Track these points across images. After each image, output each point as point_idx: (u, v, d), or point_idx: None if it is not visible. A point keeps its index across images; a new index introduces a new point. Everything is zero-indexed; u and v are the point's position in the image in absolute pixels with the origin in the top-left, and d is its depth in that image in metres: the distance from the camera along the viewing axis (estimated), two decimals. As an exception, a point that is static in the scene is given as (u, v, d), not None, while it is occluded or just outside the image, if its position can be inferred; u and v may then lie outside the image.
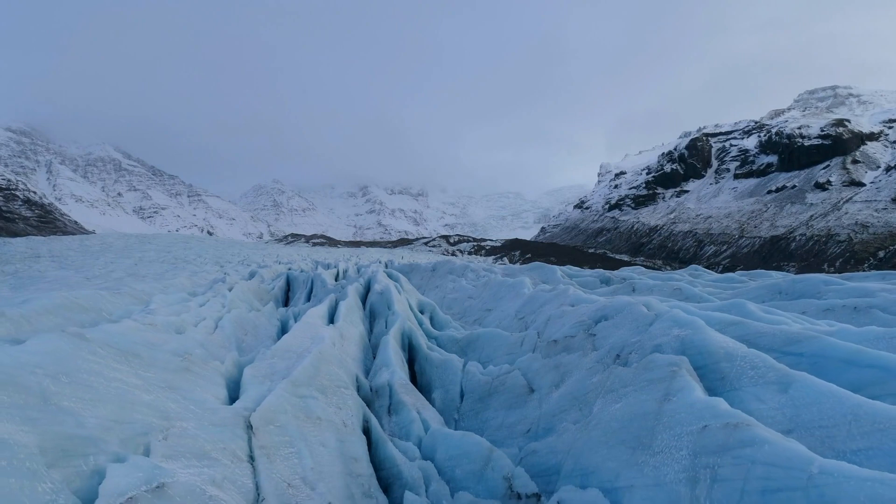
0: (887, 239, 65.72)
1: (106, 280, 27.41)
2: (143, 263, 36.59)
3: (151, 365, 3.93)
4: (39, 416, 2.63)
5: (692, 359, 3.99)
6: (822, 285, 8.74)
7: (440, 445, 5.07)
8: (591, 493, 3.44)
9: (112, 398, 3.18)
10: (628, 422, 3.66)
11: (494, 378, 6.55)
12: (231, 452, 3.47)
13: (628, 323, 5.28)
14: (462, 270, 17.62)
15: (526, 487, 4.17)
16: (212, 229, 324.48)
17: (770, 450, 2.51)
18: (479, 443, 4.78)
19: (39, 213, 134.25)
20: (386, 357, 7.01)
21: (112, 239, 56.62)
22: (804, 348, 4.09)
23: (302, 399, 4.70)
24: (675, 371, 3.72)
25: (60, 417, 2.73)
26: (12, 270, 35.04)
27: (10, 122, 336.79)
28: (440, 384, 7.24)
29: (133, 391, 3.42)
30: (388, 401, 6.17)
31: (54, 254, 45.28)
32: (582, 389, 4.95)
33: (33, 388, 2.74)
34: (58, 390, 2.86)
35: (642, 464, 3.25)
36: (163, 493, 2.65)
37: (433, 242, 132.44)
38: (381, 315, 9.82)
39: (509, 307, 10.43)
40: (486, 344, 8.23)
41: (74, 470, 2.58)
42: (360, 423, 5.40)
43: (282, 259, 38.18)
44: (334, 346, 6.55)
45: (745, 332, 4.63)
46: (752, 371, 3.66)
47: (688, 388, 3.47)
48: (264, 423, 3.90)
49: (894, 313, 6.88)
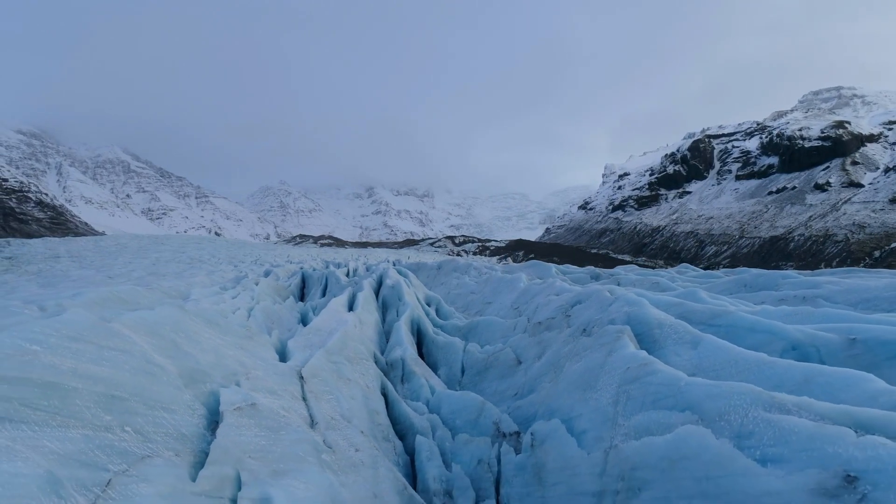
0: (883, 239, 66.74)
1: (128, 279, 28.85)
2: (161, 263, 38.07)
3: (227, 332, 5.24)
4: (174, 355, 3.92)
5: (634, 328, 5.25)
6: (780, 279, 9.94)
7: (444, 403, 6.34)
8: (554, 423, 4.68)
9: (210, 349, 4.48)
10: (583, 373, 4.92)
11: (490, 355, 7.81)
12: (290, 393, 4.75)
13: (595, 305, 6.53)
14: (465, 268, 18.90)
15: (509, 428, 5.43)
16: (219, 230, 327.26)
17: (661, 376, 3.77)
18: (475, 398, 6.05)
19: (52, 215, 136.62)
20: (399, 338, 8.29)
21: (126, 240, 58.32)
22: (722, 321, 5.34)
23: (335, 364, 5.99)
24: (619, 336, 4.97)
25: (186, 357, 4.02)
26: (36, 270, 36.62)
27: (21, 125, 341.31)
28: (444, 362, 8.50)
29: (221, 347, 4.72)
30: (401, 372, 7.44)
31: (72, 254, 46.87)
32: (557, 357, 6.19)
33: (168, 337, 4.04)
34: (180, 340, 4.16)
35: (588, 398, 4.51)
36: (255, 409, 3.93)
37: (439, 243, 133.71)
38: (392, 306, 11.10)
39: (506, 299, 11.69)
40: (485, 330, 9.49)
41: (199, 389, 3.86)
42: (379, 387, 6.67)
43: (292, 259, 39.54)
44: (356, 327, 7.83)
45: (684, 310, 5.89)
46: (675, 335, 4.91)
47: (625, 347, 4.72)
48: (311, 376, 5.19)
49: (831, 300, 8.09)
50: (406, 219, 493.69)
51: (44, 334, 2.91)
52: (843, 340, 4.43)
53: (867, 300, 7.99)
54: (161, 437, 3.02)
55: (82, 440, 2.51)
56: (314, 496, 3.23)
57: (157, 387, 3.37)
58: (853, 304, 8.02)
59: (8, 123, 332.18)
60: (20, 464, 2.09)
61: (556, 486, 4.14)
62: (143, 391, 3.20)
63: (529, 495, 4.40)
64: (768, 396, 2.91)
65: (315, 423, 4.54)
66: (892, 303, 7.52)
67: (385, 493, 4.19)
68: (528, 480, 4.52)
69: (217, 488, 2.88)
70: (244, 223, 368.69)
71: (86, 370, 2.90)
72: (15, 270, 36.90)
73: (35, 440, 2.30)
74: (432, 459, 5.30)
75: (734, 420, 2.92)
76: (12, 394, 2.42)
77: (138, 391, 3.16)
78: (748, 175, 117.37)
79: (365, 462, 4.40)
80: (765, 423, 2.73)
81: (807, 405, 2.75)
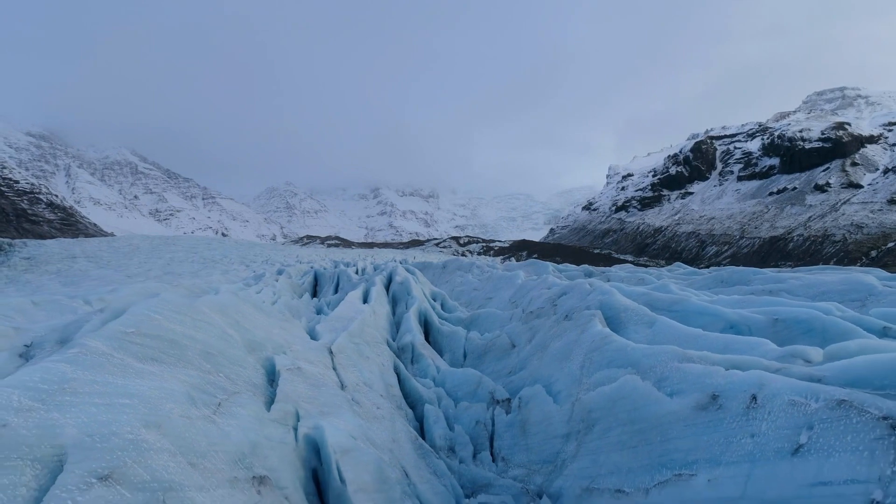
0: (880, 239, 67.52)
1: (146, 277, 30.13)
2: (175, 263, 39.40)
3: (270, 315, 6.38)
4: (238, 329, 5.06)
5: (605, 312, 6.35)
6: (752, 275, 11.00)
7: (448, 378, 7.45)
8: (536, 388, 5.79)
9: (261, 327, 5.61)
10: (562, 348, 6.03)
11: (489, 341, 8.91)
12: (323, 363, 5.88)
13: (577, 295, 7.63)
14: (469, 267, 20.03)
15: (502, 395, 6.53)
16: (226, 231, 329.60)
17: (615, 345, 4.88)
18: (474, 373, 7.16)
19: (62, 216, 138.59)
20: (409, 326, 9.41)
21: (138, 241, 59.72)
22: (678, 307, 6.44)
23: (356, 344, 7.12)
24: (591, 318, 6.08)
25: (245, 331, 5.16)
26: (55, 270, 37.98)
27: (30, 127, 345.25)
28: (449, 348, 9.62)
29: (268, 326, 5.86)
30: (411, 354, 8.56)
31: (87, 254, 48.23)
32: (544, 339, 7.29)
33: (232, 316, 5.17)
34: (240, 319, 5.30)
35: (563, 367, 5.62)
36: (301, 371, 5.06)
37: (444, 243, 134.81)
38: (401, 300, 12.22)
39: (505, 294, 12.79)
40: (485, 321, 10.60)
41: (258, 355, 4.99)
42: (392, 366, 7.78)
43: (302, 259, 40.76)
44: (371, 316, 8.96)
45: (650, 299, 6.99)
46: (636, 317, 6.02)
47: (594, 326, 5.82)
48: (339, 351, 6.32)
49: (793, 293, 9.15)
50: (411, 219, 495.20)
51: (158, 308, 4.04)
52: (769, 320, 5.52)
53: (823, 293, 9.06)
54: (241, 383, 4.15)
55: (198, 377, 3.64)
56: (351, 429, 4.35)
57: (232, 350, 4.51)
58: (811, 296, 9.10)
59: (17, 125, 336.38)
60: (171, 383, 3.22)
61: (536, 434, 5.26)
62: (225, 351, 4.34)
63: (516, 444, 5.51)
64: (682, 353, 4.01)
65: (344, 386, 5.68)
66: (842, 294, 8.60)
67: (401, 440, 5.30)
68: (515, 433, 5.64)
69: (283, 418, 4.01)
70: (250, 224, 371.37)
71: (189, 333, 4.04)
72: (35, 270, 38.28)
73: (172, 374, 3.43)
74: (438, 422, 6.41)
75: (658, 370, 4.02)
76: (152, 344, 3.56)
77: (222, 351, 4.29)
78: (750, 176, 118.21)
79: (385, 416, 5.53)
80: (676, 370, 3.83)
81: (705, 357, 3.85)
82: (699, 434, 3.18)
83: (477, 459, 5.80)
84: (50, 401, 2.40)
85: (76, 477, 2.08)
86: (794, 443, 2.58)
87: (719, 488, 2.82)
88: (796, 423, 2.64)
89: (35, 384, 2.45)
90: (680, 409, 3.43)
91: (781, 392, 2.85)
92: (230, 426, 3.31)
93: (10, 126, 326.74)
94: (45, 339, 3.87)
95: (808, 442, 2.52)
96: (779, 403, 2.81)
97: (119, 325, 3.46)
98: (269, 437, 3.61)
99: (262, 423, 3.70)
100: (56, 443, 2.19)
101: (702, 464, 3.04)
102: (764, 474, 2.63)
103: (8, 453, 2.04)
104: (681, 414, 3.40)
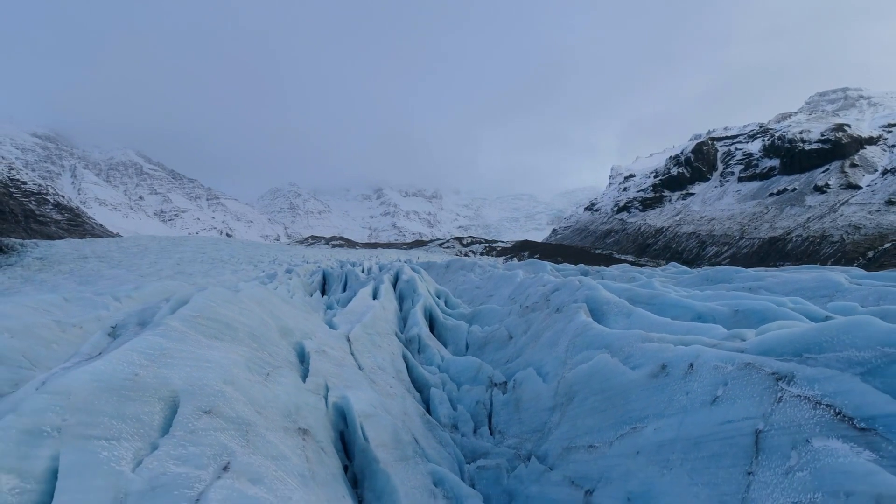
0: (877, 239, 68.20)
1: (158, 277, 31.07)
2: (185, 263, 40.38)
3: (295, 307, 7.25)
4: (272, 317, 5.91)
5: (590, 305, 7.19)
6: (734, 274, 11.81)
7: (451, 366, 8.30)
8: (529, 371, 6.63)
9: (289, 317, 6.47)
10: (551, 337, 6.87)
11: (489, 333, 9.75)
12: (343, 349, 6.74)
13: (567, 291, 8.46)
14: (471, 267, 20.88)
15: (499, 379, 7.37)
16: (230, 231, 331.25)
17: (595, 331, 5.72)
18: (475, 360, 8.00)
19: (69, 217, 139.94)
20: (415, 319, 10.26)
21: (146, 241, 60.83)
22: (656, 300, 7.27)
23: (369, 335, 7.98)
24: (577, 310, 6.92)
25: (278, 319, 6.01)
26: (68, 269, 38.99)
27: (36, 128, 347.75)
28: (452, 340, 10.46)
29: (295, 316, 6.72)
30: (418, 345, 9.41)
31: (98, 255, 49.28)
32: (538, 330, 8.13)
33: (266, 306, 6.03)
34: (273, 308, 6.15)
35: (552, 352, 6.45)
36: (326, 354, 5.91)
37: (447, 244, 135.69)
38: (408, 297, 13.08)
39: (505, 292, 13.63)
40: (486, 315, 11.44)
41: (289, 339, 5.85)
42: (401, 355, 8.63)
43: (308, 259, 41.68)
44: (382, 310, 9.82)
45: (632, 294, 7.82)
46: (616, 309, 6.85)
47: (580, 317, 6.66)
48: (356, 339, 7.18)
49: (771, 290, 9.95)
50: (414, 220, 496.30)
51: (213, 298, 4.90)
52: (731, 311, 6.35)
53: (798, 289, 9.86)
54: (280, 360, 5.01)
55: (248, 353, 4.50)
56: (371, 400, 5.20)
57: (270, 334, 5.37)
58: (787, 292, 9.89)
59: (23, 126, 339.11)
60: (232, 355, 4.08)
61: (527, 409, 6.10)
62: (265, 334, 5.19)
63: (511, 419, 6.35)
64: (645, 335, 4.85)
65: (362, 368, 6.53)
66: (813, 290, 9.40)
67: (412, 414, 6.15)
68: (510, 410, 6.48)
69: (316, 388, 4.87)
70: (255, 224, 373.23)
71: (237, 318, 4.89)
72: (48, 270, 39.31)
73: (231, 348, 4.29)
74: (443, 403, 7.25)
75: (626, 349, 4.86)
76: (213, 325, 4.42)
77: (262, 333, 5.15)
78: (750, 177, 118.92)
79: (397, 395, 6.38)
80: (639, 349, 4.67)
81: (662, 338, 4.69)
82: (651, 395, 4.02)
83: (477, 434, 6.64)
84: (159, 361, 3.26)
85: (189, 410, 2.94)
86: (713, 395, 3.42)
87: (661, 434, 3.66)
88: (716, 382, 3.48)
89: (145, 350, 3.31)
90: (639, 378, 4.27)
91: (710, 360, 3.69)
92: (278, 390, 4.17)
93: (17, 127, 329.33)
94: (126, 322, 4.73)
95: (722, 394, 3.36)
96: (707, 368, 3.65)
97: (188, 311, 4.32)
98: (306, 402, 4.46)
99: (300, 391, 4.55)
100: (171, 388, 3.05)
101: (651, 418, 3.88)
102: (692, 420, 3.47)
103: (142, 392, 2.89)
104: (639, 382, 4.24)
